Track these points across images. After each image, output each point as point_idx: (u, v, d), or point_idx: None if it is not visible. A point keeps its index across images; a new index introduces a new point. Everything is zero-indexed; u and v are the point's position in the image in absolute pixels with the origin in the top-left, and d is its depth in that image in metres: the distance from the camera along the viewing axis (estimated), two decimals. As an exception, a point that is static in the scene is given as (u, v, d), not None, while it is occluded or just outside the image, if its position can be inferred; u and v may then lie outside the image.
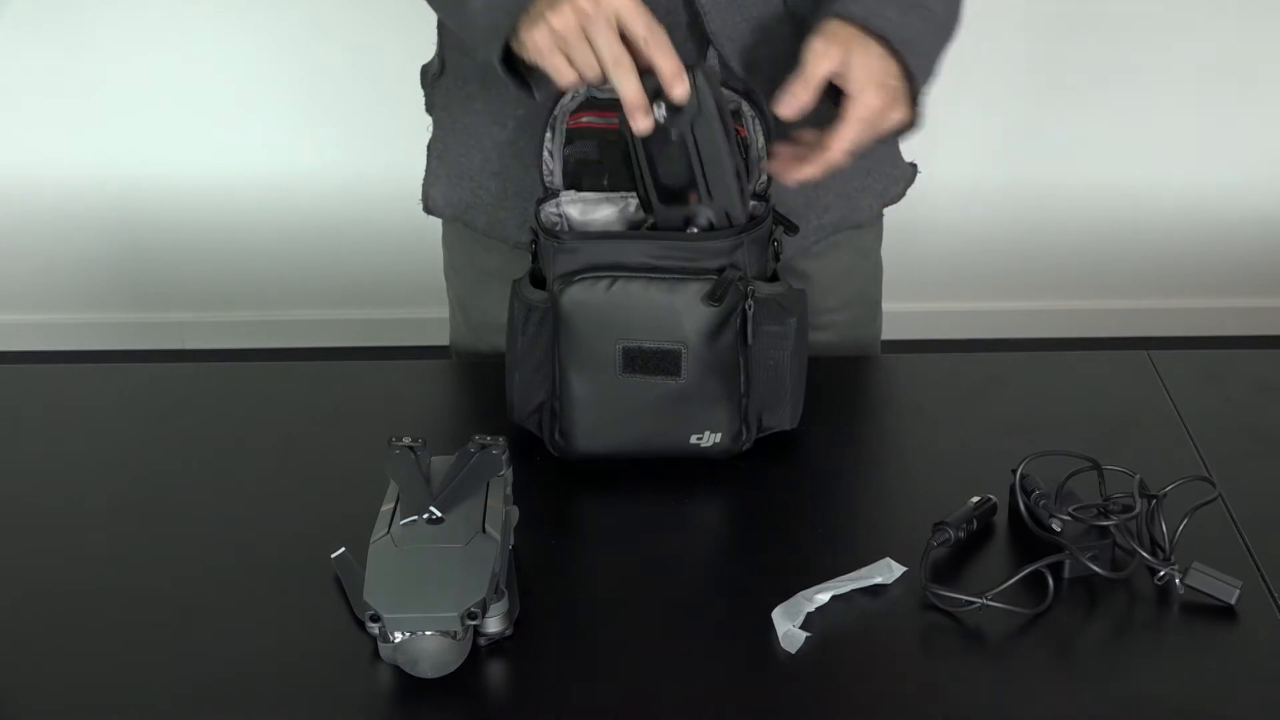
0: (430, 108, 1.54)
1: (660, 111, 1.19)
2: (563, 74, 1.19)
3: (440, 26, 1.50)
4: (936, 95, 1.50)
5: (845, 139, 1.23)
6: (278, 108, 3.10)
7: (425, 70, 1.54)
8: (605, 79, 1.18)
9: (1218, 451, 1.34)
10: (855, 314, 1.58)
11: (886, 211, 1.59)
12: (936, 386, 1.50)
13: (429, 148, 1.54)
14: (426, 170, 1.54)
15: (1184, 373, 1.48)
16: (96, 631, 1.14)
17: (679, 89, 1.18)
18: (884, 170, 1.54)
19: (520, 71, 1.26)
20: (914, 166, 1.58)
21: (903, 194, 1.57)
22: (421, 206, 1.55)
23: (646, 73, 1.19)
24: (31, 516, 1.30)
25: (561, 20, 1.16)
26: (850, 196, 1.50)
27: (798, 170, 1.25)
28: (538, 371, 1.30)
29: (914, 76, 1.25)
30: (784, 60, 1.27)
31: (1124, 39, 3.01)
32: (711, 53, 1.35)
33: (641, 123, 1.19)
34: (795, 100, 1.22)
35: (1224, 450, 1.34)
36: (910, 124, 1.28)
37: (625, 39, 1.17)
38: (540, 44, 1.18)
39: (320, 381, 1.58)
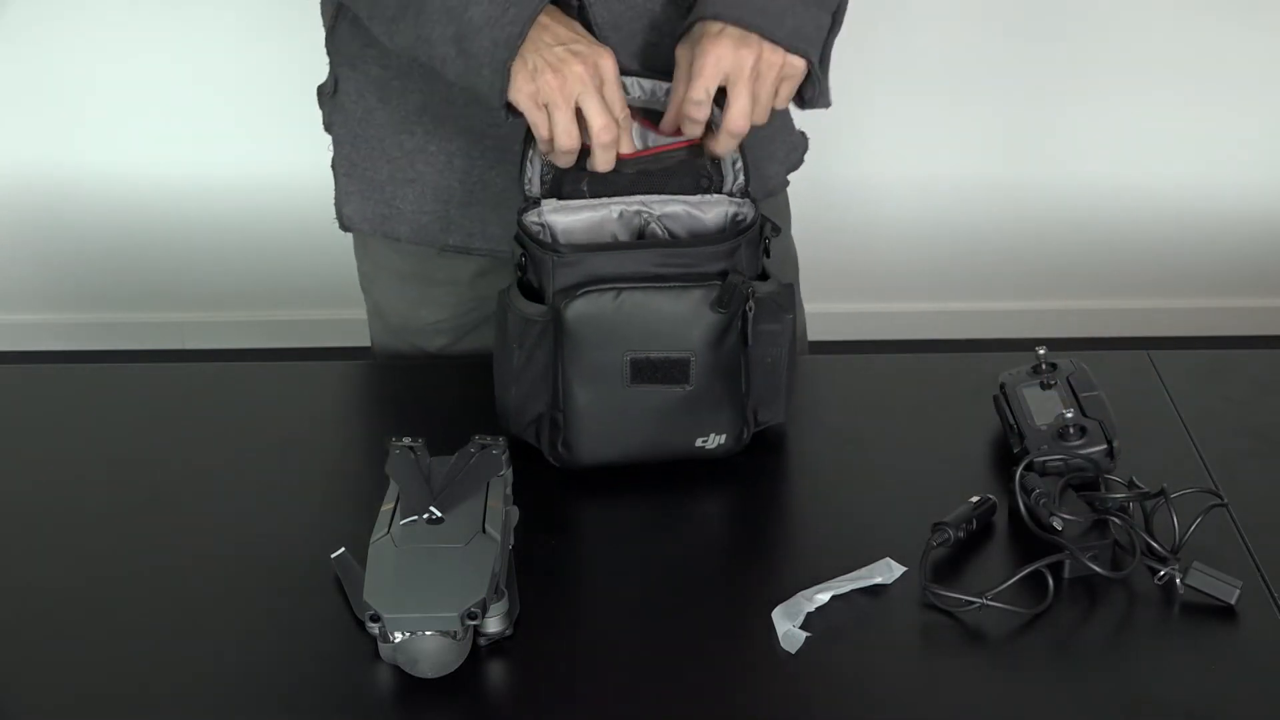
0: (329, 126, 1.54)
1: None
2: (541, 127, 1.26)
3: (329, 43, 1.50)
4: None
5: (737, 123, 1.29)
6: (278, 107, 3.09)
7: (321, 90, 1.54)
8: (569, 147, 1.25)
9: (1218, 452, 1.34)
10: None
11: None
12: (936, 387, 1.50)
13: (334, 166, 1.54)
14: (336, 189, 1.55)
15: (1184, 373, 1.48)
16: (96, 631, 1.14)
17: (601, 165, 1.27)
18: (783, 138, 1.56)
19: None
20: (803, 135, 1.60)
21: (801, 161, 1.59)
22: (337, 225, 1.56)
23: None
24: (31, 516, 1.30)
25: (559, 81, 1.24)
26: (759, 165, 1.45)
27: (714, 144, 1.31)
28: (537, 384, 1.29)
29: (778, 41, 1.28)
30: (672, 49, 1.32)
31: (1126, 36, 3.01)
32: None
33: (604, 169, 1.27)
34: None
35: (1224, 450, 1.34)
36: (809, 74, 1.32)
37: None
38: (530, 95, 1.25)
39: (320, 381, 1.58)
